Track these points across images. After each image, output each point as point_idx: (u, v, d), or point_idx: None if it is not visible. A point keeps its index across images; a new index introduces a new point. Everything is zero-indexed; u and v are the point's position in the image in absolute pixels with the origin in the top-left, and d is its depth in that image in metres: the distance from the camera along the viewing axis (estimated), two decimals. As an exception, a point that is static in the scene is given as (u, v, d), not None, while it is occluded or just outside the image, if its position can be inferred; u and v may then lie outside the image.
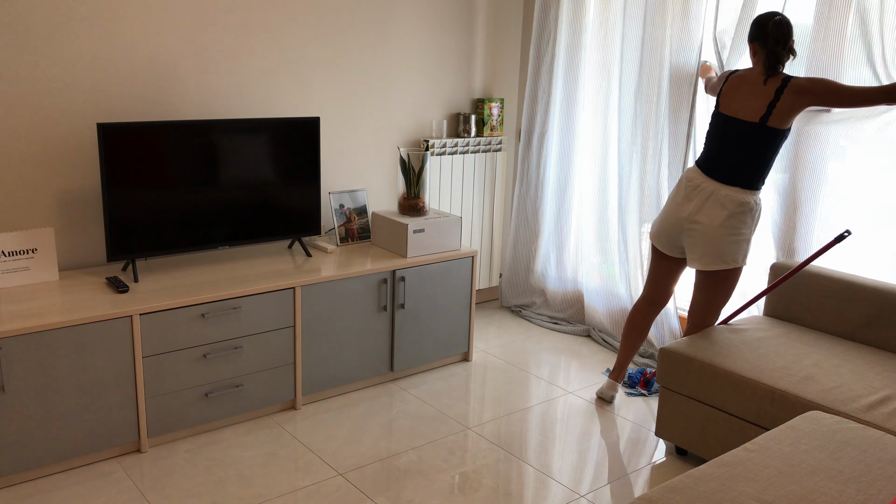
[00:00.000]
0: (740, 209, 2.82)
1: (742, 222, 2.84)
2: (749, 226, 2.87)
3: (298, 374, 3.10)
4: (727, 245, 2.84)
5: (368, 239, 3.63)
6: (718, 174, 2.86)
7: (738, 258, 2.87)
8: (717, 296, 2.95)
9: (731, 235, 2.84)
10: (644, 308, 3.21)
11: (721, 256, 2.86)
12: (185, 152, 2.97)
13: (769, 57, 2.76)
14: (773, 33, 2.72)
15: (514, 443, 2.95)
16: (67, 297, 2.72)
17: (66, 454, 2.60)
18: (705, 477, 1.86)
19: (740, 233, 2.85)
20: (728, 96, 2.87)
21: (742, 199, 2.82)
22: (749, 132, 2.79)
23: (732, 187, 2.83)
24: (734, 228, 2.84)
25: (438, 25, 3.94)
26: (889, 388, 2.47)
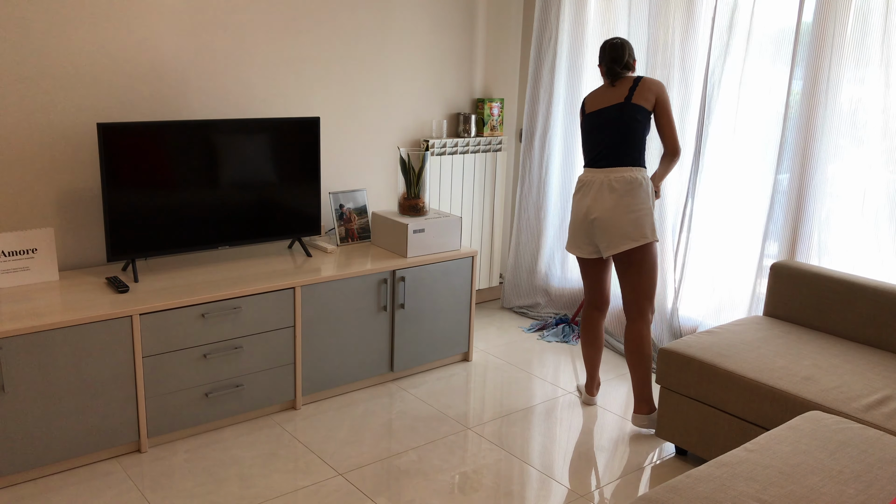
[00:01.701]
0: (629, 186, 2.92)
1: (635, 198, 2.92)
2: (644, 200, 2.93)
3: (298, 374, 3.10)
4: (628, 224, 2.91)
5: (368, 239, 3.63)
6: (601, 162, 2.98)
7: (646, 233, 2.92)
8: (641, 278, 2.98)
9: (629, 213, 2.91)
10: (591, 314, 3.22)
11: (627, 235, 2.92)
12: (185, 152, 2.97)
13: (608, 72, 3.04)
14: (609, 54, 3.02)
15: (515, 443, 2.95)
16: (67, 297, 2.72)
17: (66, 454, 2.61)
18: (705, 477, 1.86)
19: (638, 209, 2.91)
20: (591, 103, 3.07)
21: (629, 177, 2.93)
22: (616, 112, 2.97)
23: (616, 168, 2.95)
24: (629, 206, 2.91)
25: (438, 25, 3.94)
26: (889, 388, 2.47)
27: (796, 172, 3.15)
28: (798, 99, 3.13)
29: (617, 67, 3.01)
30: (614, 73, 3.02)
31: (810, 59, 3.05)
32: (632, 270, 2.99)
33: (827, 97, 3.03)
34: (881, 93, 2.93)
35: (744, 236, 3.47)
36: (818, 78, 3.03)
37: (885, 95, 2.92)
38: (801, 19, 3.09)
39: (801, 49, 3.10)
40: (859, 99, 2.99)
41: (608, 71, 3.03)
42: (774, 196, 3.26)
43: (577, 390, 3.39)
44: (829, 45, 2.99)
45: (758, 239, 3.39)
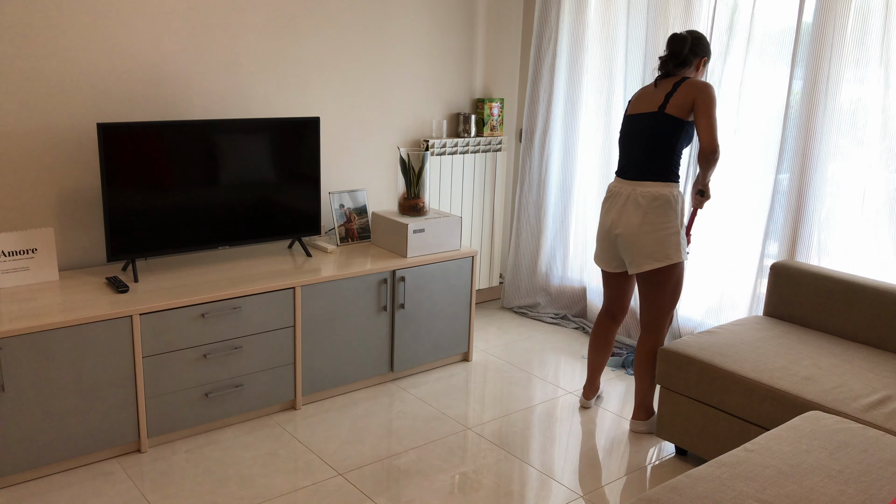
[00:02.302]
0: (656, 203, 2.81)
1: (662, 216, 2.81)
2: (671, 219, 2.82)
3: (298, 374, 3.10)
4: (652, 242, 2.81)
5: (368, 239, 3.63)
6: (630, 173, 2.89)
7: (671, 254, 2.81)
8: (663, 297, 2.90)
9: (655, 232, 2.81)
10: (605, 322, 3.19)
11: (651, 255, 2.82)
12: (185, 152, 2.97)
13: (660, 65, 2.92)
14: (668, 47, 2.89)
15: (515, 443, 2.95)
16: (67, 297, 2.72)
17: (66, 454, 2.60)
18: (705, 477, 1.86)
19: (663, 227, 2.80)
20: (633, 105, 2.97)
21: (656, 193, 2.81)
22: (649, 122, 2.85)
23: (644, 182, 2.84)
24: (655, 224, 2.81)
25: (438, 25, 3.94)
26: (889, 388, 2.47)
27: (796, 172, 3.15)
28: (798, 99, 3.13)
29: (672, 63, 2.86)
30: (666, 68, 2.88)
31: (810, 59, 3.05)
32: (654, 289, 2.89)
33: (827, 97, 3.03)
34: (881, 93, 2.93)
35: (744, 236, 3.47)
36: (818, 78, 3.03)
37: (884, 95, 2.93)
38: (802, 19, 3.09)
39: (801, 49, 3.10)
40: (859, 99, 2.99)
41: (660, 64, 2.89)
42: (774, 196, 3.26)
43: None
44: (829, 45, 2.99)
45: (758, 239, 3.39)
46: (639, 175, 2.85)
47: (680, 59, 2.86)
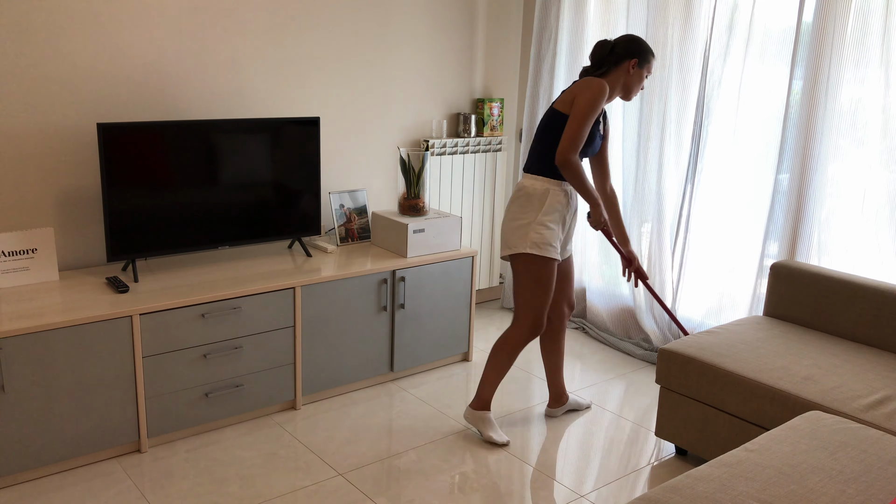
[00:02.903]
0: (518, 194, 2.84)
1: (519, 206, 2.81)
2: (526, 210, 2.79)
3: (298, 374, 3.10)
4: (508, 231, 2.84)
5: (368, 239, 3.63)
6: (524, 164, 2.93)
7: (518, 244, 2.79)
8: (518, 289, 2.86)
9: (511, 221, 2.83)
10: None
11: (506, 242, 2.85)
12: (185, 152, 2.97)
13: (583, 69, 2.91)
14: (590, 53, 2.89)
15: (515, 443, 2.95)
16: (67, 297, 2.72)
17: (66, 454, 2.60)
18: (705, 477, 1.86)
19: (518, 218, 2.81)
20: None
21: (522, 185, 2.84)
22: (544, 116, 2.84)
23: (524, 174, 2.88)
24: (513, 213, 2.84)
25: (438, 25, 3.94)
26: (889, 388, 2.47)
27: (796, 172, 3.15)
28: (798, 99, 3.13)
29: (593, 69, 2.86)
30: (582, 74, 2.89)
31: (810, 59, 3.05)
32: (514, 279, 2.88)
33: (827, 97, 3.03)
34: (881, 93, 2.93)
35: (744, 236, 3.47)
36: (818, 78, 3.03)
37: (884, 96, 2.93)
38: (802, 19, 3.09)
39: (801, 49, 3.10)
40: (859, 99, 2.99)
41: (581, 72, 2.91)
42: (774, 196, 3.26)
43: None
44: (829, 45, 2.99)
45: (758, 239, 3.39)
46: (524, 167, 2.90)
47: (594, 62, 2.84)
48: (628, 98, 2.88)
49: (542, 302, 2.84)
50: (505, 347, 2.90)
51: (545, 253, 2.78)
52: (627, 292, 3.93)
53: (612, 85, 2.83)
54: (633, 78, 2.83)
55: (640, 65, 2.81)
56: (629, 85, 2.84)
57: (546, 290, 2.83)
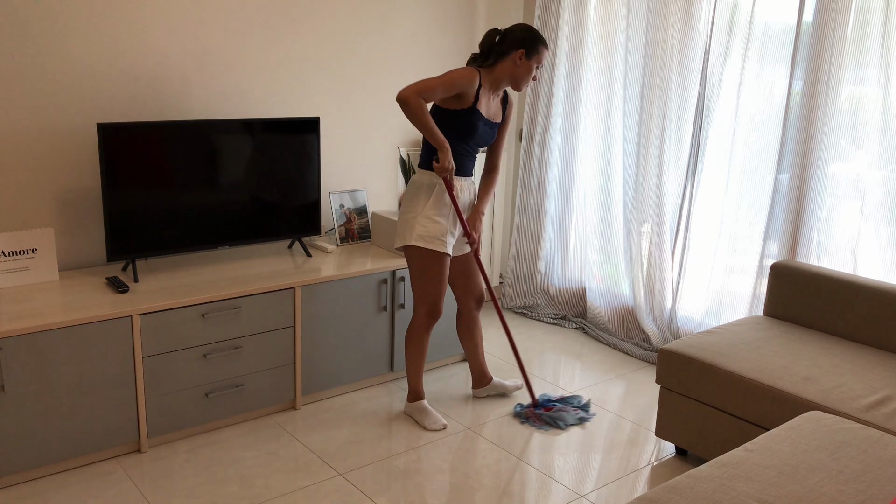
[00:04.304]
0: (409, 187, 2.93)
1: (408, 199, 2.90)
2: (415, 203, 2.86)
3: (298, 374, 3.10)
4: (399, 223, 2.92)
5: (368, 239, 3.63)
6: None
7: (406, 236, 2.86)
8: (411, 276, 2.95)
9: (402, 213, 2.92)
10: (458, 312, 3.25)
11: (397, 234, 2.93)
12: (184, 152, 2.97)
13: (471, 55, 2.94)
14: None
15: (515, 443, 2.95)
16: (67, 297, 2.72)
17: (66, 454, 2.60)
18: (705, 477, 1.86)
19: (407, 210, 2.89)
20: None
21: (413, 178, 2.92)
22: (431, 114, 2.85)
23: (416, 169, 2.95)
24: (403, 206, 2.93)
25: (438, 25, 3.94)
26: (889, 388, 2.47)
27: (796, 172, 3.15)
28: (798, 99, 3.13)
29: (480, 59, 2.87)
30: (469, 62, 2.91)
31: (810, 59, 3.05)
32: (408, 269, 2.98)
33: (827, 97, 3.03)
34: (881, 93, 2.93)
35: (744, 236, 3.47)
36: (818, 78, 3.03)
37: (884, 95, 2.93)
38: (802, 19, 3.09)
39: (801, 49, 3.10)
40: (859, 99, 2.99)
41: (468, 60, 2.93)
42: (774, 196, 3.26)
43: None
44: (829, 45, 2.99)
45: (758, 239, 3.39)
46: (419, 163, 2.95)
47: (482, 53, 2.85)
48: (518, 89, 2.89)
49: (433, 290, 2.92)
50: (410, 338, 3.02)
51: (430, 245, 2.84)
52: (628, 292, 3.93)
53: (499, 75, 2.83)
54: (521, 69, 2.82)
55: (527, 56, 2.80)
56: (517, 76, 2.83)
57: (436, 280, 2.91)
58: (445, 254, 2.88)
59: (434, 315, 2.97)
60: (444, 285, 2.93)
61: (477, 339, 3.24)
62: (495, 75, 2.83)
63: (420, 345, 3.02)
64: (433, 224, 2.84)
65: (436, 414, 3.07)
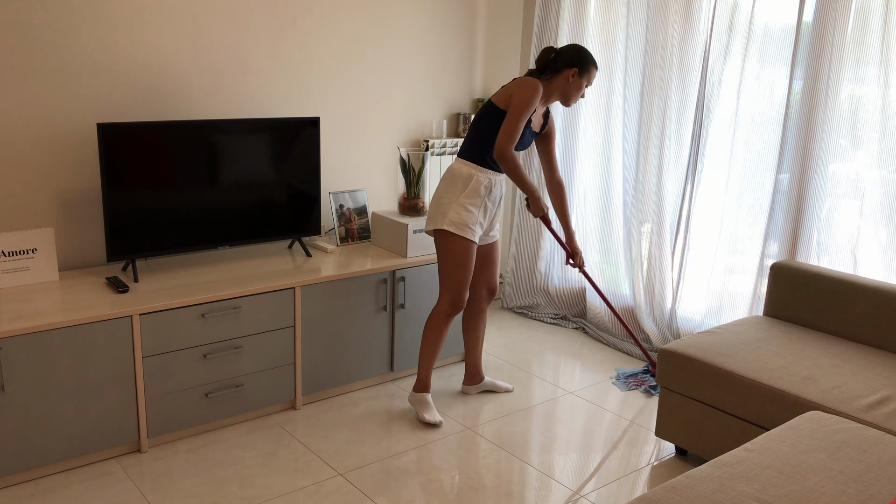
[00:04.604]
0: (446, 175, 2.99)
1: (444, 186, 2.97)
2: (450, 190, 2.95)
3: (298, 374, 3.10)
4: (432, 208, 3.00)
5: (368, 239, 3.63)
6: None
7: (438, 220, 2.94)
8: (439, 261, 3.01)
9: (436, 199, 2.99)
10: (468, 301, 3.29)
11: (429, 218, 3.01)
12: (185, 152, 2.97)
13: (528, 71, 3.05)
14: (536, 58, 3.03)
15: (515, 443, 2.95)
16: (67, 297, 2.72)
17: (66, 454, 2.60)
18: (705, 477, 1.86)
19: (440, 196, 2.97)
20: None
21: (452, 167, 2.99)
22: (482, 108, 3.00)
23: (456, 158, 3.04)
24: (439, 192, 3.00)
25: (438, 25, 3.94)
26: (889, 388, 2.47)
27: (796, 172, 3.15)
28: (798, 99, 3.13)
29: (535, 72, 3.00)
30: (528, 72, 3.03)
31: (810, 59, 3.05)
32: (436, 254, 3.05)
33: (827, 97, 3.03)
34: (881, 92, 2.93)
35: (744, 236, 3.47)
36: (818, 78, 3.03)
37: (884, 95, 2.93)
38: (802, 19, 3.09)
39: (801, 49, 3.10)
40: (859, 99, 2.99)
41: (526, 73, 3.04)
42: (774, 196, 3.26)
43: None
44: (829, 45, 2.99)
45: (758, 239, 3.39)
46: (459, 153, 3.03)
47: (538, 68, 2.98)
48: (567, 104, 3.06)
49: (460, 279, 2.98)
50: (430, 325, 3.05)
51: (461, 232, 2.93)
52: (628, 292, 3.93)
53: (551, 90, 2.99)
54: (573, 86, 2.98)
55: (579, 74, 2.97)
56: (568, 92, 2.99)
57: (464, 267, 2.97)
58: (473, 242, 2.96)
59: (458, 304, 3.01)
60: (470, 273, 3.00)
61: (480, 332, 3.29)
62: (549, 89, 2.99)
63: (440, 335, 3.05)
64: (466, 212, 2.93)
65: (435, 410, 3.09)
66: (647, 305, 3.77)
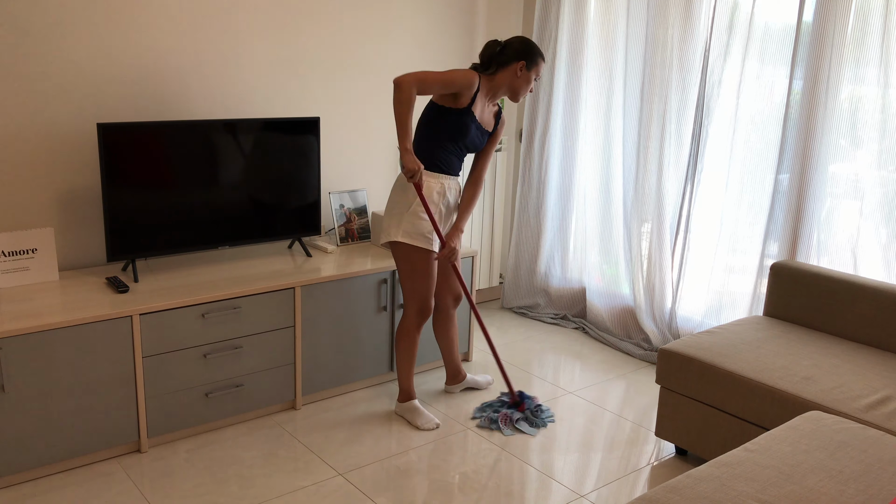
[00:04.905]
0: (397, 183, 2.93)
1: (396, 196, 2.92)
2: (402, 200, 2.88)
3: (298, 374, 3.10)
4: (386, 219, 2.93)
5: (368, 239, 3.63)
6: None
7: (392, 232, 2.88)
8: (399, 273, 2.97)
9: (389, 209, 2.94)
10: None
11: (383, 229, 2.94)
12: (184, 152, 2.97)
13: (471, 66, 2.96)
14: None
15: (515, 443, 2.95)
16: (67, 297, 2.71)
17: (66, 454, 2.60)
18: (705, 477, 1.86)
19: (394, 206, 2.91)
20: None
21: (400, 174, 2.90)
22: (425, 110, 2.93)
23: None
24: (391, 202, 2.94)
25: (438, 25, 3.94)
26: (889, 388, 2.47)
27: (796, 172, 3.15)
28: (798, 99, 3.13)
29: (479, 66, 2.93)
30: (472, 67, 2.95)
31: (810, 59, 3.05)
32: (396, 265, 3.00)
33: (827, 97, 3.03)
34: (881, 92, 2.93)
35: (744, 236, 3.47)
36: (818, 78, 3.03)
37: (884, 95, 2.93)
38: (802, 19, 3.09)
39: (801, 49, 3.10)
40: (859, 99, 3.00)
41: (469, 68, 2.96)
42: (774, 196, 3.26)
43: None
44: (829, 45, 2.99)
45: (758, 239, 3.39)
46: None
47: (483, 63, 2.91)
48: (515, 99, 2.97)
49: (423, 287, 2.94)
50: (401, 337, 3.03)
51: (416, 242, 2.87)
52: (628, 292, 3.93)
53: (498, 84, 2.91)
54: (521, 80, 2.92)
55: (527, 67, 2.90)
56: (516, 86, 2.92)
57: (424, 276, 2.93)
58: (431, 251, 2.91)
59: (425, 313, 2.98)
60: (433, 281, 2.96)
61: (452, 336, 3.27)
62: (495, 83, 2.90)
63: (412, 344, 3.03)
64: (419, 221, 2.87)
65: (428, 413, 3.07)
66: (646, 305, 3.77)
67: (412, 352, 3.04)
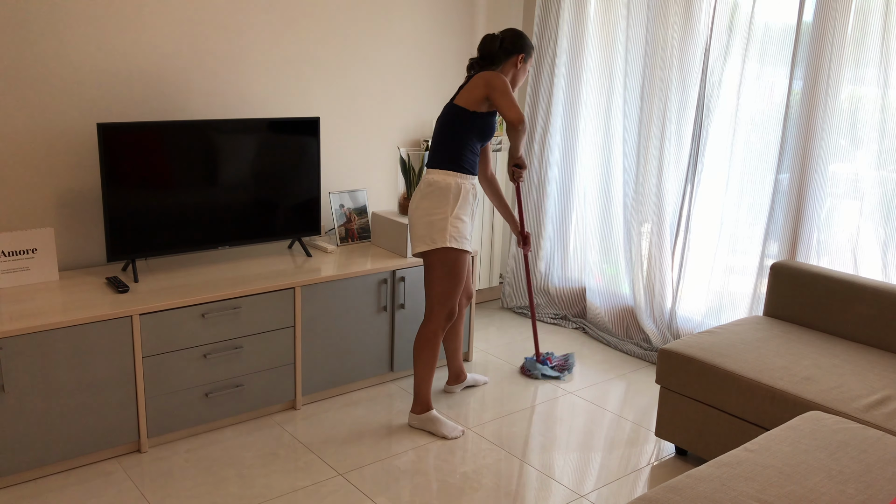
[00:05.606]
0: (429, 189, 2.89)
1: (433, 202, 2.87)
2: (441, 205, 2.87)
3: (298, 374, 3.10)
4: (423, 227, 2.89)
5: (368, 239, 3.63)
6: (428, 160, 2.98)
7: (436, 238, 2.86)
8: (432, 282, 2.93)
9: (425, 216, 2.88)
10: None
11: (420, 237, 2.90)
12: (184, 152, 2.97)
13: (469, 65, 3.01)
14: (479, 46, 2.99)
15: (515, 443, 2.95)
16: (67, 297, 2.72)
17: (66, 454, 2.60)
18: (705, 477, 1.86)
19: (433, 213, 2.87)
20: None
21: (433, 180, 2.89)
22: (444, 112, 2.94)
23: (430, 170, 2.93)
24: (426, 209, 2.88)
25: (438, 25, 3.94)
26: (889, 388, 2.47)
27: (796, 172, 3.15)
28: (798, 99, 3.13)
29: (482, 63, 2.96)
30: (470, 66, 2.99)
31: (810, 59, 3.05)
32: (427, 273, 2.95)
33: (827, 97, 3.03)
34: (881, 93, 2.93)
35: (744, 236, 3.47)
36: (818, 78, 3.03)
37: (884, 95, 2.93)
38: (802, 19, 3.09)
39: (801, 49, 3.10)
40: (859, 99, 3.00)
41: (469, 64, 3.00)
42: (774, 196, 3.26)
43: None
44: (829, 45, 2.99)
45: (758, 239, 3.39)
46: (428, 163, 2.95)
47: (490, 58, 2.94)
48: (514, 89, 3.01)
49: (456, 293, 2.96)
50: (427, 344, 2.97)
51: (463, 246, 2.90)
52: (628, 292, 3.93)
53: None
54: (521, 71, 3.00)
55: (525, 59, 2.98)
56: (516, 77, 2.99)
57: (459, 281, 2.95)
58: (471, 252, 2.97)
59: (452, 316, 2.99)
60: (464, 283, 2.99)
61: (460, 336, 3.29)
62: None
63: (435, 352, 2.98)
64: (462, 224, 2.90)
65: (450, 422, 3.02)
66: (646, 305, 3.77)
67: (435, 360, 2.99)
